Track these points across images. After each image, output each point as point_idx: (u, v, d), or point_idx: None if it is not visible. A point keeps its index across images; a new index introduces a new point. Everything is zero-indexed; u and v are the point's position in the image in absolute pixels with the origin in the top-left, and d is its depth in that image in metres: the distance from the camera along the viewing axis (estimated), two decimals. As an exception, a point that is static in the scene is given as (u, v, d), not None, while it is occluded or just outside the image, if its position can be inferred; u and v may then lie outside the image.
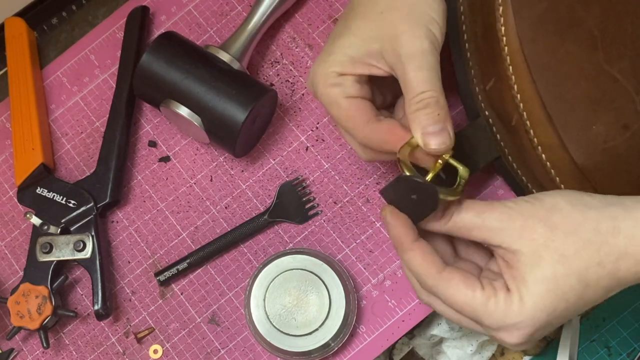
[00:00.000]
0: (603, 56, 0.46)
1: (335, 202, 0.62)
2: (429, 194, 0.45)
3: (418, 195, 0.45)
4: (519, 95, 0.47)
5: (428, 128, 0.46)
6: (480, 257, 0.49)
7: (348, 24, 0.50)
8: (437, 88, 0.47)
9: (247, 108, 0.57)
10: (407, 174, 0.45)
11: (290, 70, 0.66)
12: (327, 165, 0.63)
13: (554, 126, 0.46)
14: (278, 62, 0.66)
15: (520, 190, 0.55)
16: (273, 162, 0.64)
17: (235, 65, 0.60)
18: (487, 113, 0.52)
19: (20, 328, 0.59)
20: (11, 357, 0.62)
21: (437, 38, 0.48)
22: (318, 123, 0.64)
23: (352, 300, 0.57)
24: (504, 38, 0.47)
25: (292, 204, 0.62)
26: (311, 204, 0.62)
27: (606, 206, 0.43)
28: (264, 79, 0.66)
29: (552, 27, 0.46)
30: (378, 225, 0.61)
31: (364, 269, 0.60)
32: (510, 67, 0.47)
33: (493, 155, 0.53)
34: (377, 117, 0.50)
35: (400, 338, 0.60)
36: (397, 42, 0.47)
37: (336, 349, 0.57)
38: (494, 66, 0.49)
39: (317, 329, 0.56)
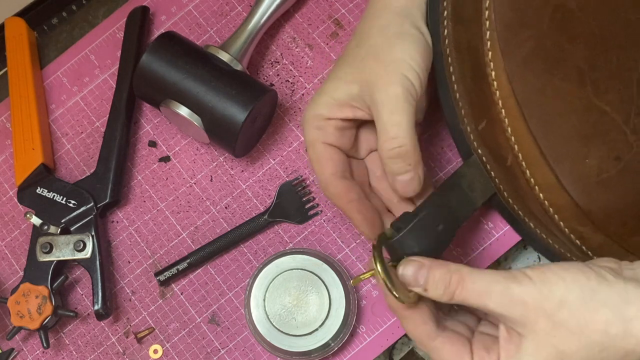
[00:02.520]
0: (591, 90, 0.46)
1: (335, 202, 0.62)
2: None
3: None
4: (513, 138, 0.47)
5: (398, 177, 0.50)
6: (471, 319, 0.49)
7: (337, 69, 0.53)
8: (408, 134, 0.48)
9: (247, 108, 0.57)
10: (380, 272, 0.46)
11: (290, 70, 0.66)
12: (327, 165, 0.63)
13: (549, 165, 0.46)
14: (278, 62, 0.66)
15: (518, 224, 0.55)
16: (273, 162, 0.64)
17: (235, 65, 0.60)
18: (480, 152, 0.52)
19: (20, 328, 0.59)
20: (11, 357, 0.62)
21: (413, 84, 0.49)
22: (318, 123, 0.64)
23: (352, 300, 0.57)
24: (495, 82, 0.47)
25: (292, 204, 0.62)
26: (311, 204, 0.62)
27: (622, 303, 0.40)
28: (264, 79, 0.66)
29: (540, 64, 0.46)
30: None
31: (364, 269, 0.60)
32: (503, 111, 0.47)
33: (489, 193, 0.53)
34: (342, 173, 0.52)
35: (400, 338, 0.60)
36: (373, 87, 0.49)
37: (336, 349, 0.57)
38: (485, 109, 0.49)
39: (317, 329, 0.56)
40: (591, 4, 0.46)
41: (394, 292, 0.44)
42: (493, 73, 0.47)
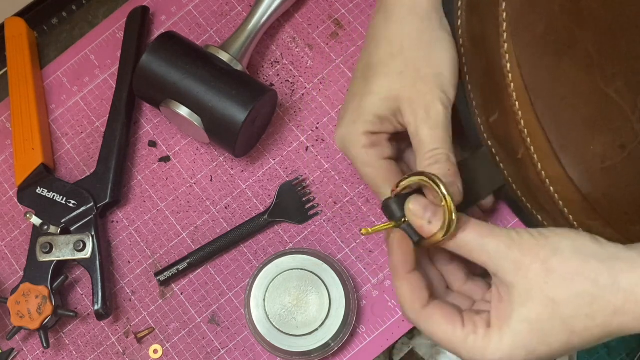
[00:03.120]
0: (599, 76, 0.45)
1: (335, 202, 0.62)
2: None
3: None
4: (526, 130, 0.47)
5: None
6: (479, 292, 0.49)
7: (369, 81, 0.52)
8: (447, 146, 0.49)
9: (247, 108, 0.57)
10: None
11: (290, 70, 0.66)
12: (327, 165, 0.63)
13: (556, 155, 0.46)
14: (278, 62, 0.66)
15: (526, 216, 0.55)
16: (273, 162, 0.64)
17: (235, 65, 0.60)
18: (490, 143, 0.52)
19: (20, 328, 0.59)
20: (11, 357, 0.62)
21: (450, 98, 0.50)
22: (318, 123, 0.64)
23: (352, 300, 0.57)
24: (510, 74, 0.47)
25: (292, 204, 0.62)
26: (311, 204, 0.62)
27: (612, 259, 0.42)
28: (264, 79, 0.66)
29: (550, 48, 0.46)
30: (378, 225, 0.61)
31: (364, 269, 0.60)
32: (517, 103, 0.47)
33: (497, 185, 0.53)
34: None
35: (400, 338, 0.60)
36: (415, 102, 0.50)
37: (336, 349, 0.57)
38: (498, 101, 0.49)
39: (317, 329, 0.56)
40: None
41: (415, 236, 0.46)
42: (508, 65, 0.47)
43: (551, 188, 0.48)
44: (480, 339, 0.43)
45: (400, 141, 0.55)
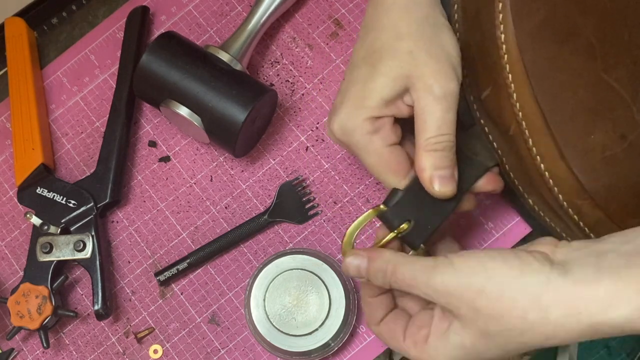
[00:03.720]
0: (601, 65, 0.45)
1: (335, 202, 0.62)
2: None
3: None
4: (517, 104, 0.47)
5: (439, 171, 0.48)
6: (414, 304, 0.50)
7: (375, 65, 0.49)
8: (454, 131, 0.48)
9: (247, 108, 0.57)
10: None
11: (290, 70, 0.66)
12: (327, 165, 0.63)
13: (552, 136, 0.46)
14: (278, 62, 0.66)
15: (516, 199, 0.55)
16: (273, 162, 0.64)
17: (235, 65, 0.60)
18: (482, 122, 0.52)
19: (20, 328, 0.59)
20: (11, 357, 0.62)
21: (460, 79, 0.48)
22: (318, 123, 0.64)
23: (352, 300, 0.57)
24: (504, 46, 0.47)
25: (292, 204, 0.62)
26: (311, 204, 0.62)
27: (544, 289, 0.40)
28: (264, 79, 0.66)
29: (551, 36, 0.46)
30: (378, 225, 0.61)
31: (364, 269, 0.60)
32: (510, 76, 0.47)
33: (490, 164, 0.52)
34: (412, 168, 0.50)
35: (400, 338, 0.60)
36: (429, 80, 0.47)
37: (336, 349, 0.57)
38: (490, 75, 0.49)
39: (317, 329, 0.56)
40: None
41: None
42: (502, 36, 0.46)
43: (542, 165, 0.47)
44: (419, 351, 0.46)
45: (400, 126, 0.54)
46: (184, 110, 0.59)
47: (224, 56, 0.60)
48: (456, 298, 0.43)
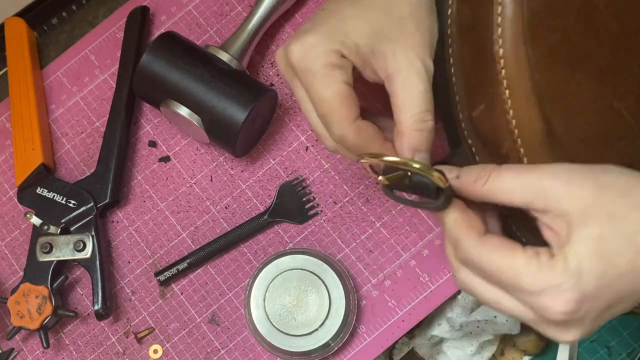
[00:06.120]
0: (611, 91, 0.45)
1: (335, 202, 0.62)
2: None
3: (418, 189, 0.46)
4: (514, 121, 0.46)
5: (420, 154, 0.47)
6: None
7: (364, 11, 0.47)
8: (433, 111, 0.47)
9: (247, 108, 0.57)
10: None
11: (290, 70, 0.66)
12: (327, 165, 0.63)
13: (553, 156, 0.45)
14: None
15: (504, 220, 0.54)
16: (273, 162, 0.64)
17: (235, 65, 0.60)
18: (470, 142, 0.51)
19: (20, 328, 0.59)
20: (11, 357, 0.62)
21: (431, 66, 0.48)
22: (318, 123, 0.64)
23: (352, 300, 0.57)
24: (502, 60, 0.46)
25: (292, 204, 0.62)
26: (311, 204, 0.62)
27: None
28: (264, 79, 0.66)
29: (564, 57, 0.45)
30: (378, 225, 0.61)
31: (364, 269, 0.60)
32: (507, 91, 0.46)
33: None
34: (360, 117, 0.47)
35: (400, 338, 0.60)
36: (408, 51, 0.46)
37: (336, 349, 0.57)
38: (486, 90, 0.48)
39: (317, 329, 0.56)
40: (617, 2, 0.45)
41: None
42: (501, 50, 0.45)
43: None
44: (544, 263, 0.40)
45: None
46: (184, 110, 0.59)
47: (224, 56, 0.60)
48: (579, 178, 0.40)
